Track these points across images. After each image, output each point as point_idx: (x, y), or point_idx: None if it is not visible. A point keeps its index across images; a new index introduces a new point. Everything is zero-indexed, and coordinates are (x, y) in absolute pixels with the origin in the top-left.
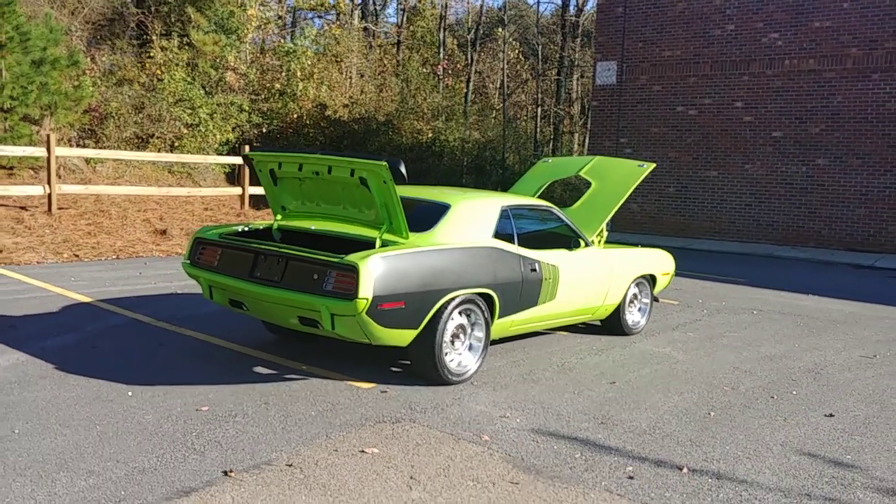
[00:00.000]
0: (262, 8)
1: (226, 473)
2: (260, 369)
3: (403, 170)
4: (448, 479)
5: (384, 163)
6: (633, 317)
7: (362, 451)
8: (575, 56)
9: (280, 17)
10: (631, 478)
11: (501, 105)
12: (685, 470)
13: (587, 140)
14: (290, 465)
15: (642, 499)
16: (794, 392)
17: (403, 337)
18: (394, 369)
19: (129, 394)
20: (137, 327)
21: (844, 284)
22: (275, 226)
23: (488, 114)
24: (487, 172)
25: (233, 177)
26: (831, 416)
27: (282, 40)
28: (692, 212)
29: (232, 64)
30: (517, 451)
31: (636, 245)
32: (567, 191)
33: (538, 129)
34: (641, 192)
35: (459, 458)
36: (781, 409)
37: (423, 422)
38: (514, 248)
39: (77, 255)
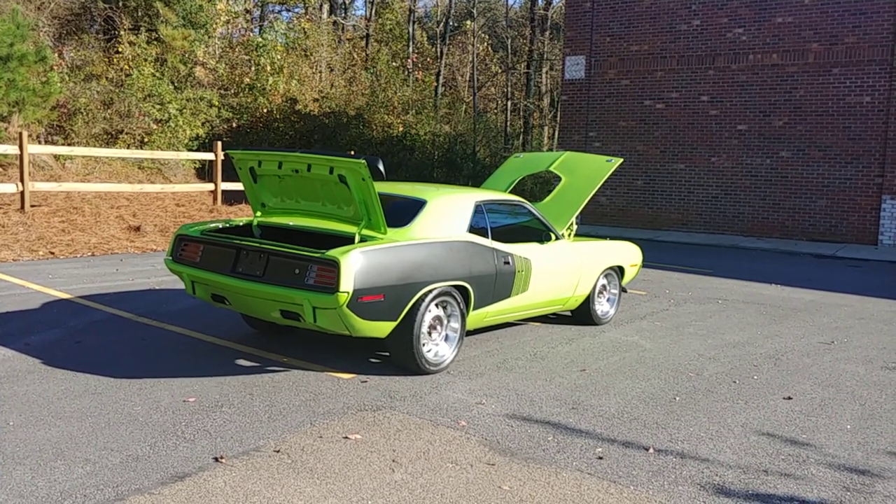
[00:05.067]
0: (230, 2)
1: (217, 460)
2: (242, 362)
3: (382, 167)
4: (428, 462)
5: (363, 161)
6: (602, 307)
7: (346, 438)
8: (544, 49)
9: (248, 12)
10: (600, 458)
11: (471, 98)
12: (651, 450)
13: (557, 133)
14: (278, 451)
15: (611, 477)
16: (756, 377)
17: (382, 329)
18: (372, 360)
19: (117, 387)
20: (119, 322)
21: (806, 274)
22: (255, 222)
23: (458, 107)
24: (458, 166)
25: (203, 172)
26: (789, 398)
27: (251, 34)
28: (660, 204)
29: (201, 59)
30: (493, 435)
31: (605, 237)
32: (537, 185)
33: (508, 123)
34: (610, 185)
35: (438, 443)
36: (743, 393)
37: (403, 409)
38: (488, 241)
39: (52, 253)
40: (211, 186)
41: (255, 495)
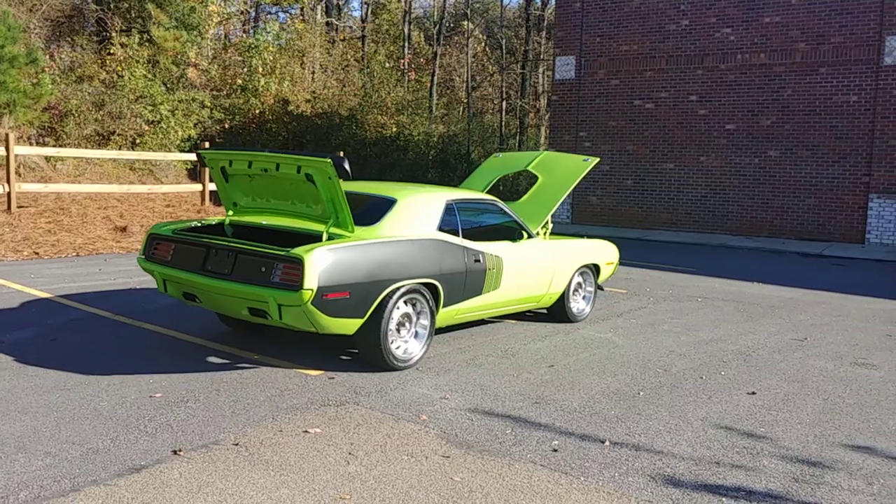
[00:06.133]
0: (223, 3)
1: (175, 452)
2: (213, 359)
3: (347, 166)
4: (384, 455)
5: (329, 160)
6: (577, 305)
7: (305, 432)
8: (540, 49)
9: (242, 13)
10: (555, 450)
11: (467, 99)
12: (607, 443)
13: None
14: (237, 445)
15: (563, 469)
16: (723, 373)
17: (349, 326)
18: (343, 357)
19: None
20: (96, 321)
21: (790, 272)
22: (227, 221)
23: (454, 107)
24: (453, 166)
25: (195, 173)
26: (753, 393)
27: (244, 35)
28: (650, 203)
29: (193, 60)
30: (452, 428)
31: (581, 236)
32: (531, 184)
33: (504, 123)
34: (600, 185)
35: (396, 436)
36: (708, 388)
37: (366, 404)
38: (459, 240)
39: (37, 253)
40: (199, 187)
41: (209, 486)
